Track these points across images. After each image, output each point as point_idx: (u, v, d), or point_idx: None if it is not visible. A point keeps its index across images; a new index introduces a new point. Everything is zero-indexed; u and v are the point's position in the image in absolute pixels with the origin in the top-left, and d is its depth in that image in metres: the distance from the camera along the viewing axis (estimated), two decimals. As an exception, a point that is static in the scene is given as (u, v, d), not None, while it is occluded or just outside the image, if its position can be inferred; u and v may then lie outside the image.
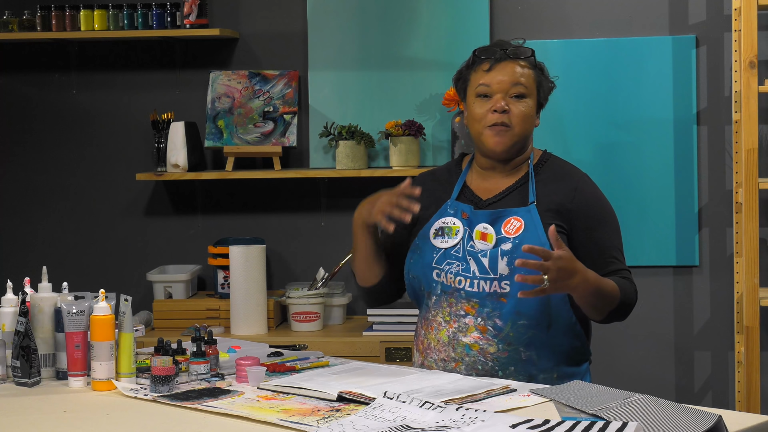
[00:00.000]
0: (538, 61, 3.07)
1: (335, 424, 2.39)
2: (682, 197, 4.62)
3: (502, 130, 2.99)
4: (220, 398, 2.67)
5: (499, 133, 2.99)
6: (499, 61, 3.02)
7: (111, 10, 4.75)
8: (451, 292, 2.98)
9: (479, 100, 3.02)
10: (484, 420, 2.35)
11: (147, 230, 4.96)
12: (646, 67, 4.62)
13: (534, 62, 3.05)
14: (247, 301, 4.48)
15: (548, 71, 3.10)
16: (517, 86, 3.00)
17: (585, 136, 4.66)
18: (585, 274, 2.81)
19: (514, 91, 3.00)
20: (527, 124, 3.02)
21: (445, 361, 2.98)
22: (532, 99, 3.03)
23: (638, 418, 2.35)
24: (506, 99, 3.00)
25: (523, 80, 3.01)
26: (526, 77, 3.02)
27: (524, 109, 3.00)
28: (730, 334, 4.63)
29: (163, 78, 4.91)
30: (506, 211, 2.99)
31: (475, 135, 3.04)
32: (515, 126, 2.99)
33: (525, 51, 3.04)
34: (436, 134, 4.73)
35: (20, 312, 2.91)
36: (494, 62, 3.02)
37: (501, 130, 2.99)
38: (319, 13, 4.80)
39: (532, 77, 3.03)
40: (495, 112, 2.99)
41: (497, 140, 3.00)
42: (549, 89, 3.09)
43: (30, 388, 2.88)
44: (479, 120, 3.01)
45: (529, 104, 3.02)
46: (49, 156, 4.98)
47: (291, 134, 4.76)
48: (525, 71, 3.02)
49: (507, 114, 2.99)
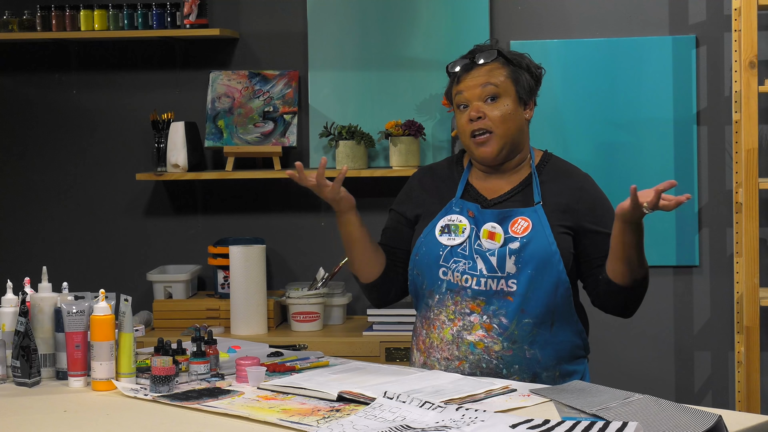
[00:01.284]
0: (512, 56, 3.05)
1: (335, 424, 2.39)
2: (682, 197, 4.62)
3: (484, 138, 3.00)
4: (220, 398, 2.67)
5: (483, 143, 3.01)
6: (467, 70, 3.04)
7: (111, 10, 4.75)
8: (457, 291, 2.98)
9: (459, 111, 3.05)
10: (484, 420, 2.35)
11: (147, 230, 4.96)
12: (646, 67, 4.62)
13: (507, 59, 3.04)
14: (247, 301, 4.48)
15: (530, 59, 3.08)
16: (487, 88, 3.01)
17: (585, 136, 4.66)
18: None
19: (486, 94, 3.01)
20: (509, 123, 3.01)
21: (448, 359, 2.98)
22: (509, 97, 3.02)
23: (638, 418, 2.35)
24: (481, 105, 3.00)
25: (493, 81, 3.01)
26: (497, 77, 3.01)
27: (501, 110, 3.00)
28: (730, 334, 4.63)
29: (163, 78, 4.91)
30: (513, 211, 3.00)
31: (465, 147, 3.07)
32: (496, 129, 3.00)
33: (491, 52, 3.03)
34: (436, 134, 4.73)
35: (20, 312, 2.91)
36: (462, 72, 3.04)
37: (484, 139, 3.00)
38: (319, 13, 4.80)
39: (504, 75, 3.02)
40: (472, 121, 3.00)
41: (482, 150, 3.02)
42: (532, 81, 3.07)
43: (30, 388, 2.88)
44: (463, 132, 3.04)
45: (506, 103, 3.01)
46: (49, 156, 4.98)
47: (291, 134, 4.76)
48: (495, 72, 3.02)
49: (484, 120, 3.00)
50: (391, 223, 3.17)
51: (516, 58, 3.06)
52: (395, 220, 3.16)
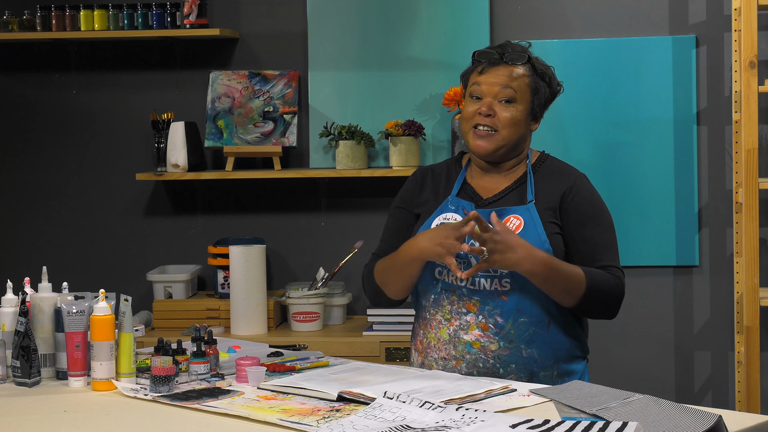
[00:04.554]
0: (539, 66, 3.06)
1: (335, 424, 2.39)
2: (682, 197, 4.62)
3: (486, 134, 3.01)
4: (220, 398, 2.67)
5: (483, 137, 3.02)
6: (493, 65, 3.03)
7: (111, 10, 4.75)
8: (452, 290, 2.98)
9: (471, 100, 3.05)
10: (484, 420, 2.35)
11: (147, 230, 4.96)
12: (646, 67, 4.62)
13: (534, 67, 3.05)
14: (247, 301, 4.48)
15: (554, 73, 3.10)
16: (506, 90, 3.01)
17: (585, 136, 4.66)
18: (531, 251, 2.86)
19: (503, 96, 3.01)
20: (514, 128, 3.02)
21: (445, 359, 2.99)
22: (523, 104, 3.02)
23: (638, 418, 2.35)
24: (494, 103, 3.01)
25: (514, 85, 3.01)
26: (519, 82, 3.02)
27: (511, 114, 3.01)
28: (730, 334, 4.63)
29: (163, 78, 4.91)
30: (506, 210, 3.00)
31: (463, 133, 3.08)
32: (501, 130, 3.01)
33: (521, 56, 3.03)
34: (436, 134, 4.73)
35: (20, 312, 2.91)
36: (488, 65, 3.04)
37: (485, 134, 3.01)
38: (319, 13, 4.80)
39: (526, 82, 3.03)
40: (480, 114, 3.00)
41: (479, 143, 3.02)
42: (549, 96, 3.08)
43: (30, 388, 2.88)
44: (467, 119, 3.04)
45: (519, 109, 3.02)
46: (49, 156, 4.98)
47: (291, 134, 4.76)
48: (519, 76, 3.02)
49: (492, 118, 3.00)
50: (397, 224, 3.15)
51: (542, 68, 3.06)
52: (401, 220, 3.15)
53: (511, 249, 2.84)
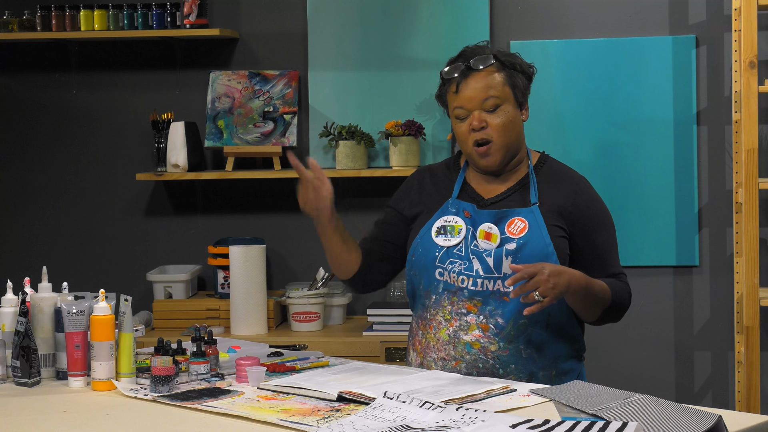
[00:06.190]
0: (506, 59, 3.03)
1: (335, 424, 2.39)
2: (682, 197, 4.62)
3: (486, 149, 3.00)
4: (220, 398, 2.67)
5: (485, 154, 3.01)
6: (465, 77, 3.01)
7: (111, 10, 4.75)
8: (453, 291, 2.98)
9: (458, 121, 3.03)
10: (484, 420, 2.35)
11: (147, 230, 4.96)
12: (646, 67, 4.62)
13: (503, 63, 3.03)
14: (247, 301, 4.48)
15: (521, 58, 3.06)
16: (488, 100, 2.99)
17: (585, 136, 4.66)
18: (571, 272, 2.87)
19: (488, 105, 3.00)
20: (509, 131, 3.01)
21: (444, 360, 2.99)
22: (509, 103, 3.01)
23: (638, 418, 2.35)
24: (482, 113, 3.00)
25: (492, 92, 2.99)
26: (496, 85, 3.00)
27: (502, 119, 3.00)
28: (730, 334, 4.63)
29: (163, 78, 4.91)
30: (510, 212, 2.99)
31: (466, 155, 3.07)
32: (497, 138, 3.00)
33: (486, 59, 3.01)
34: (436, 134, 4.74)
35: (20, 312, 2.91)
36: (460, 80, 3.01)
37: (486, 150, 3.00)
38: (319, 13, 4.80)
39: (502, 82, 3.01)
40: (474, 130, 3.00)
41: (486, 161, 3.02)
42: (526, 81, 3.06)
43: (30, 388, 2.88)
44: (464, 141, 3.03)
45: (507, 110, 3.01)
46: (49, 156, 4.98)
47: (291, 134, 4.76)
48: (493, 79, 3.00)
49: (486, 129, 3.00)
50: (387, 218, 3.16)
51: (509, 59, 3.04)
52: (391, 216, 3.16)
53: (560, 274, 2.82)
